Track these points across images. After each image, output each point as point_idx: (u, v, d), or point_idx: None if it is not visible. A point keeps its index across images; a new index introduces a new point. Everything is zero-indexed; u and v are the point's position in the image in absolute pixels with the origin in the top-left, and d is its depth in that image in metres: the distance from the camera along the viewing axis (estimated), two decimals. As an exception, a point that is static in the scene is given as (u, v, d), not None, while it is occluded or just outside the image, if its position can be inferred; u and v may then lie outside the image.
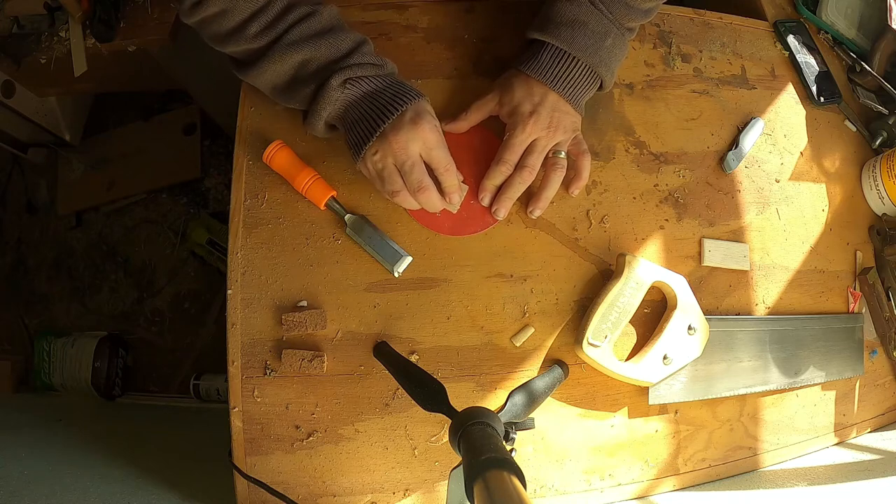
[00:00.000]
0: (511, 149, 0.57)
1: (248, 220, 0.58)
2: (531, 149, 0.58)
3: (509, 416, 0.49)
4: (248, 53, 0.54)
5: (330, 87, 0.53)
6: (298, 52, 0.52)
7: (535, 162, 0.58)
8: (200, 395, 1.23)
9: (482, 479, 0.32)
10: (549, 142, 0.58)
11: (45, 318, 1.39)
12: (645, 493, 0.59)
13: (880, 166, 0.69)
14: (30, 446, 0.77)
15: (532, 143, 0.58)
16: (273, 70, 0.53)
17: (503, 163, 0.57)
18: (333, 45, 0.53)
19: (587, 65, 0.57)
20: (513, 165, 0.58)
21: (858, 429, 0.68)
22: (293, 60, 0.53)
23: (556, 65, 0.57)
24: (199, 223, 1.37)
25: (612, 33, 0.57)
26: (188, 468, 0.73)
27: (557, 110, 0.57)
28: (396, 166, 0.53)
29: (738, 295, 0.64)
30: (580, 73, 0.57)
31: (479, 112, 0.60)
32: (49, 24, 0.95)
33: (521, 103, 0.57)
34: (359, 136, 0.54)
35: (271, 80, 0.55)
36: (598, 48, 0.56)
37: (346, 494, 0.55)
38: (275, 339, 0.56)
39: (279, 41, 0.52)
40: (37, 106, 1.23)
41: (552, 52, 0.57)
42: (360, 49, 0.54)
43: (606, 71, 0.58)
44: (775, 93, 0.71)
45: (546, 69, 0.57)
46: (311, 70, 0.53)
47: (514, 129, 0.57)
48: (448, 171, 0.55)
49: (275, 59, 0.53)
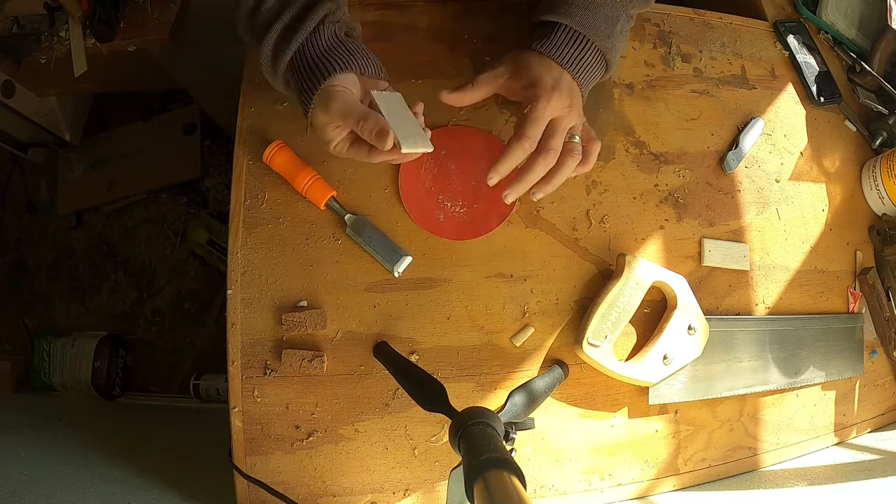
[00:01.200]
0: (534, 123, 0.51)
1: (248, 220, 0.58)
2: (552, 130, 0.52)
3: (509, 416, 0.49)
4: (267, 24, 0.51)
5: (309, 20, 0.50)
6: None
7: (557, 144, 0.52)
8: (200, 395, 1.23)
9: (482, 479, 0.32)
10: (569, 123, 0.54)
11: (45, 318, 1.39)
12: (645, 493, 0.59)
13: (880, 166, 0.69)
14: (30, 446, 0.77)
15: (552, 123, 0.53)
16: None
17: (525, 138, 0.51)
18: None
19: (599, 49, 0.55)
20: (535, 142, 0.51)
21: (858, 429, 0.68)
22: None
23: (571, 46, 0.54)
24: (199, 223, 1.37)
25: (622, 19, 0.56)
26: (188, 468, 0.73)
27: (574, 91, 0.54)
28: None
29: (738, 295, 0.64)
30: (593, 55, 0.55)
31: (489, 85, 0.56)
32: (49, 24, 0.95)
33: (541, 76, 0.53)
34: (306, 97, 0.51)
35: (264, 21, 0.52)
36: (610, 32, 0.55)
37: (346, 494, 0.55)
38: (275, 339, 0.56)
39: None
40: (37, 106, 1.23)
41: (567, 33, 0.54)
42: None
43: (614, 56, 0.56)
44: (775, 93, 0.71)
45: (562, 49, 0.54)
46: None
47: (536, 101, 0.52)
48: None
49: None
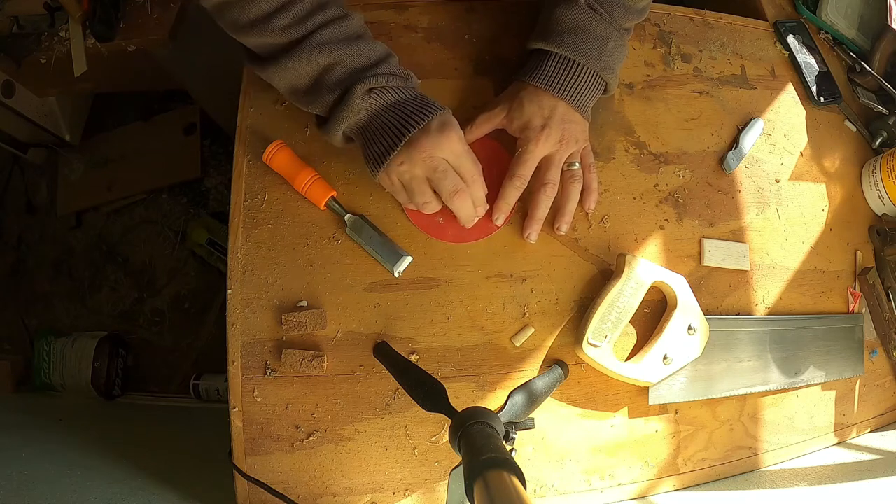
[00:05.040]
0: (524, 164, 0.56)
1: (248, 220, 0.58)
2: (548, 164, 0.57)
3: (509, 416, 0.49)
4: (271, 48, 0.51)
5: (355, 95, 0.50)
6: (327, 54, 0.50)
7: (554, 177, 0.57)
8: (200, 395, 1.23)
9: (482, 479, 0.32)
10: (564, 154, 0.57)
11: (45, 318, 1.39)
12: (645, 493, 0.59)
13: (880, 166, 0.69)
14: (30, 446, 0.77)
15: (547, 158, 0.57)
16: (296, 70, 0.51)
17: (517, 177, 0.56)
18: (363, 53, 0.51)
19: (592, 70, 0.56)
20: (526, 180, 0.57)
21: (858, 429, 0.68)
22: (320, 63, 0.50)
23: (562, 73, 0.56)
24: (199, 223, 1.37)
25: (614, 36, 0.57)
26: (188, 468, 0.73)
27: (568, 121, 0.56)
28: (426, 176, 0.52)
29: (738, 295, 0.64)
30: (586, 79, 0.56)
31: (487, 125, 0.59)
32: (49, 24, 0.95)
33: (531, 118, 0.56)
34: (382, 146, 0.52)
35: (291, 80, 0.52)
36: (601, 53, 0.56)
37: (346, 494, 0.55)
38: (275, 339, 0.56)
39: (307, 39, 0.49)
40: (37, 106, 1.23)
41: (557, 61, 0.56)
42: (387, 60, 0.53)
43: (610, 74, 0.58)
44: (775, 93, 0.71)
45: (553, 79, 0.56)
46: (337, 76, 0.51)
47: (526, 144, 0.56)
48: (476, 182, 0.54)
49: (300, 59, 0.50)
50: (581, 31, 0.56)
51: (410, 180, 0.52)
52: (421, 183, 0.53)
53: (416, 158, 0.51)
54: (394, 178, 0.53)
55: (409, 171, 0.52)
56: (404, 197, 0.55)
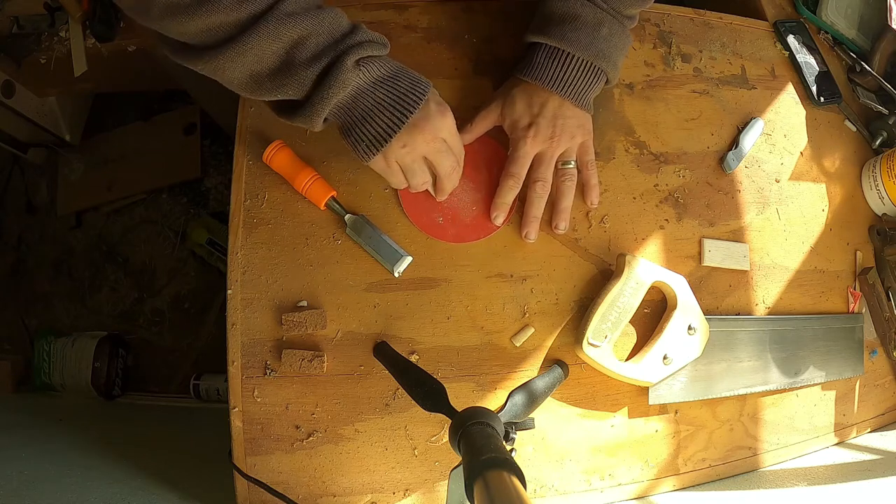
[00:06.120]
0: (516, 162, 0.57)
1: (248, 220, 0.58)
2: (539, 161, 0.57)
3: (509, 416, 0.49)
4: (221, 30, 0.42)
5: (344, 68, 0.44)
6: (296, 26, 0.43)
7: (544, 174, 0.57)
8: (200, 395, 1.23)
9: (482, 479, 0.32)
10: (556, 151, 0.57)
11: (45, 318, 1.39)
12: (645, 493, 0.59)
13: (880, 166, 0.69)
14: (30, 446, 0.77)
15: (539, 156, 0.57)
16: (259, 49, 0.43)
17: (509, 176, 0.57)
18: (334, 21, 0.45)
19: (584, 60, 0.54)
20: (520, 179, 0.57)
21: (858, 429, 0.68)
22: (288, 36, 0.43)
23: (552, 65, 0.55)
24: (199, 223, 1.37)
25: (607, 22, 0.55)
26: (188, 468, 0.73)
27: (559, 116, 0.56)
28: (426, 156, 0.51)
29: (738, 295, 0.64)
30: (578, 69, 0.55)
31: (483, 123, 0.59)
32: (49, 24, 0.95)
33: (520, 117, 0.56)
34: (380, 128, 0.47)
35: (252, 64, 0.44)
36: (592, 40, 0.54)
37: (346, 494, 0.55)
38: (275, 339, 0.56)
39: (272, 11, 0.42)
40: (37, 106, 1.23)
41: (546, 53, 0.55)
42: (359, 26, 0.47)
43: (607, 63, 0.55)
44: (775, 93, 0.71)
45: (542, 72, 0.55)
46: (311, 49, 0.44)
47: (515, 143, 0.57)
48: (462, 155, 0.55)
49: (264, 35, 0.42)
50: (570, 19, 0.54)
51: (412, 162, 0.51)
52: (422, 165, 0.52)
53: (419, 140, 0.49)
54: (391, 161, 0.50)
55: (410, 153, 0.50)
56: (399, 179, 0.52)
